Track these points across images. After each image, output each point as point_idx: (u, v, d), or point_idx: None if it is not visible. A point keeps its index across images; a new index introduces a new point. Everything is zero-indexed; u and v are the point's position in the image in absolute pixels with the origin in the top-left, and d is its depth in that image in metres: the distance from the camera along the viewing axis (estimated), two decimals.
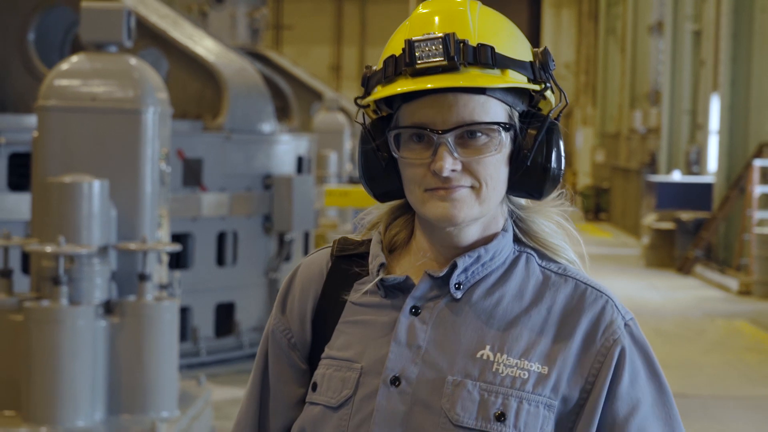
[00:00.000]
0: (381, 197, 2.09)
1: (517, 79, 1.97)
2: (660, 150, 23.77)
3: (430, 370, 1.99)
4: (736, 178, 18.12)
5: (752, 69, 18.48)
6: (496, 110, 1.97)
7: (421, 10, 2.03)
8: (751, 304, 15.14)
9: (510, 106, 1.99)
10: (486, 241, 2.04)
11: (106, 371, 6.41)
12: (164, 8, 11.50)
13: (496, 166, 1.98)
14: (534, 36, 43.03)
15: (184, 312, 9.75)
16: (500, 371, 1.97)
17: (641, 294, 16.02)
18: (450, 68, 1.93)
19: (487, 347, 1.99)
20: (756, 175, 16.82)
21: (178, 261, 9.91)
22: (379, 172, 2.05)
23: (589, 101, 36.62)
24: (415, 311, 2.03)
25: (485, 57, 1.94)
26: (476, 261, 2.02)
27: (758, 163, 16.95)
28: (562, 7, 41.44)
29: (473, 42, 1.96)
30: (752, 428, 8.67)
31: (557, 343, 1.99)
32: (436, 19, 1.99)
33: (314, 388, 2.08)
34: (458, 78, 1.92)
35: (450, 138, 1.94)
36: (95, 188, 6.53)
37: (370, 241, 2.13)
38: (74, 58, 7.05)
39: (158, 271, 6.90)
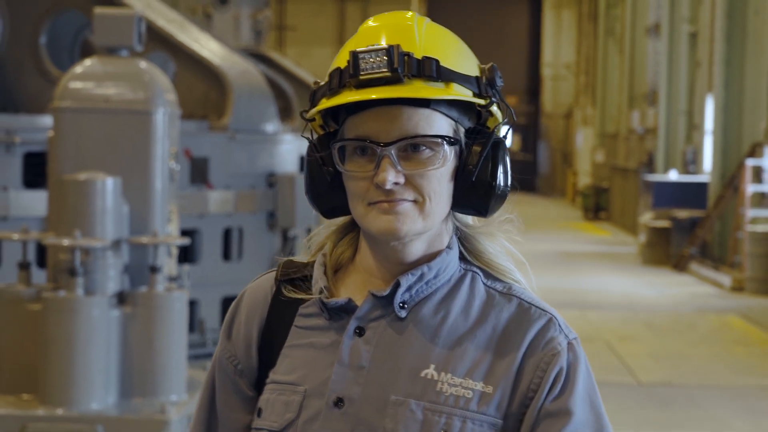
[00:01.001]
0: (327, 213, 2.07)
1: (461, 93, 1.96)
2: (657, 150, 24.11)
3: (373, 390, 1.98)
4: (730, 177, 18.46)
5: (745, 70, 18.82)
6: (440, 124, 1.96)
7: (370, 23, 2.01)
8: (742, 300, 15.49)
9: (455, 121, 1.98)
10: (430, 258, 2.02)
11: (119, 357, 6.70)
12: (171, 12, 11.86)
13: (440, 181, 1.96)
14: (535, 37, 43.33)
15: (192, 305, 10.07)
16: (444, 390, 1.96)
17: (637, 290, 16.36)
18: (394, 80, 1.92)
19: (432, 366, 1.97)
20: (748, 174, 17.15)
21: (186, 256, 10.25)
22: (325, 188, 2.03)
23: (589, 101, 36.91)
24: (360, 332, 2.01)
25: (429, 69, 1.93)
26: (420, 279, 2.00)
27: (750, 162, 17.28)
28: (563, 8, 41.75)
29: (418, 55, 1.94)
30: (733, 415, 9.03)
31: (501, 361, 1.98)
32: (383, 30, 1.97)
33: (259, 413, 2.06)
34: (401, 89, 1.91)
35: (393, 150, 1.93)
36: (108, 185, 6.82)
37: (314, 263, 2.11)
38: (87, 62, 7.36)
39: (168, 264, 7.18)
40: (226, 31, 17.63)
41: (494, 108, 2.01)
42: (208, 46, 11.66)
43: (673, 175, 21.57)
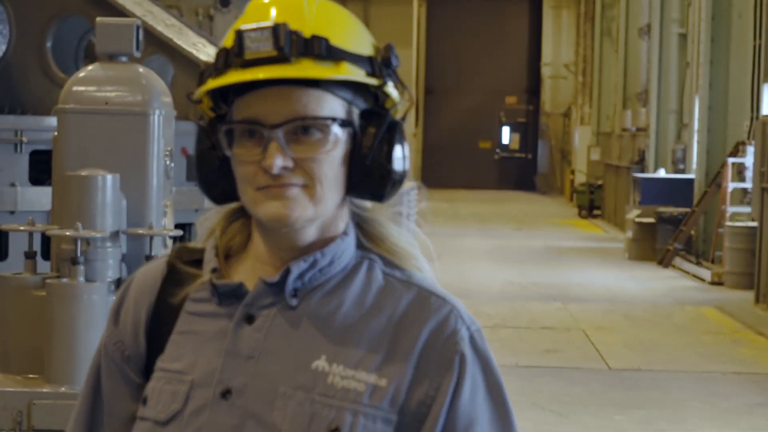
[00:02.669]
0: (218, 199, 1.97)
1: (352, 72, 1.87)
2: (648, 148, 24.65)
3: (262, 381, 1.88)
4: (715, 174, 18.99)
5: (730, 71, 19.34)
6: (332, 105, 1.87)
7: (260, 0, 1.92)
8: (720, 293, 16.01)
9: (349, 103, 1.89)
10: (324, 244, 1.91)
11: None
12: (170, 18, 12.42)
13: (331, 165, 1.86)
14: (535, 37, 43.75)
15: None
16: (335, 383, 1.86)
17: (620, 284, 16.87)
18: (280, 59, 1.83)
19: (323, 357, 1.87)
20: (730, 172, 17.68)
21: None
22: (214, 173, 1.93)
23: (586, 101, 37.36)
24: (249, 319, 1.91)
25: (318, 48, 1.84)
26: (312, 266, 1.91)
27: (732, 160, 17.83)
28: (562, 8, 42.19)
29: (307, 33, 1.85)
30: (693, 397, 9.57)
31: (397, 353, 1.88)
32: (272, 9, 1.88)
33: (145, 402, 1.96)
34: (288, 69, 1.82)
35: (281, 133, 1.83)
36: (108, 181, 7.15)
37: None
38: (90, 67, 7.81)
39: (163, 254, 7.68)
40: (227, 32, 18.13)
41: (390, 89, 1.92)
42: (205, 50, 12.20)
43: (662, 173, 22.10)
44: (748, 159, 17.41)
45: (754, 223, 15.89)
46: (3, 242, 9.99)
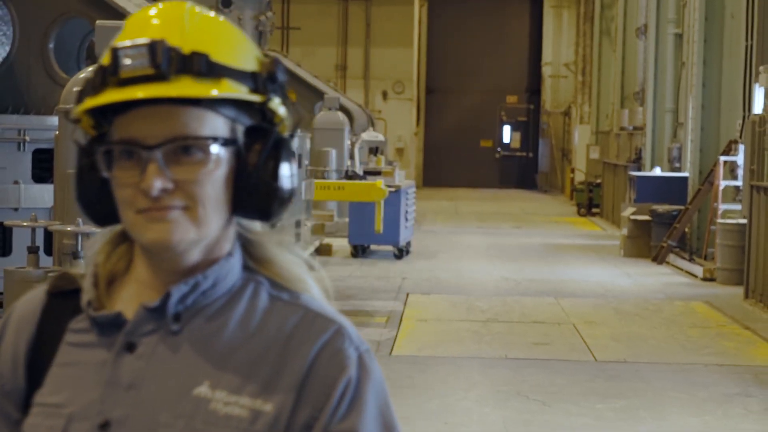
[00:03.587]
0: (101, 222, 1.90)
1: (233, 89, 1.81)
2: (645, 147, 24.98)
3: (143, 411, 1.82)
4: (708, 172, 19.31)
5: (723, 71, 19.67)
6: (214, 124, 1.81)
7: (137, 15, 1.86)
8: (711, 289, 16.31)
9: (232, 120, 1.84)
10: (208, 265, 1.86)
11: None
12: None
13: (213, 185, 1.81)
14: (536, 36, 44.10)
15: None
16: (217, 409, 1.81)
17: (613, 280, 17.18)
18: (158, 77, 1.76)
19: (206, 383, 1.83)
20: (721, 170, 18.01)
21: None
22: (95, 194, 1.86)
23: (586, 100, 37.70)
24: (131, 347, 1.85)
25: (198, 65, 1.78)
26: (194, 289, 1.86)
27: (724, 158, 18.14)
28: (563, 8, 42.57)
29: (186, 49, 1.79)
30: (673, 387, 9.88)
31: (282, 376, 1.83)
32: (150, 23, 1.82)
33: None
34: (166, 88, 1.76)
35: (159, 154, 1.78)
36: None
37: None
38: (90, 68, 8.24)
39: None
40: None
41: (275, 105, 1.87)
42: None
43: (657, 171, 22.41)
44: (740, 157, 17.71)
45: (745, 220, 16.19)
46: (7, 238, 10.35)
